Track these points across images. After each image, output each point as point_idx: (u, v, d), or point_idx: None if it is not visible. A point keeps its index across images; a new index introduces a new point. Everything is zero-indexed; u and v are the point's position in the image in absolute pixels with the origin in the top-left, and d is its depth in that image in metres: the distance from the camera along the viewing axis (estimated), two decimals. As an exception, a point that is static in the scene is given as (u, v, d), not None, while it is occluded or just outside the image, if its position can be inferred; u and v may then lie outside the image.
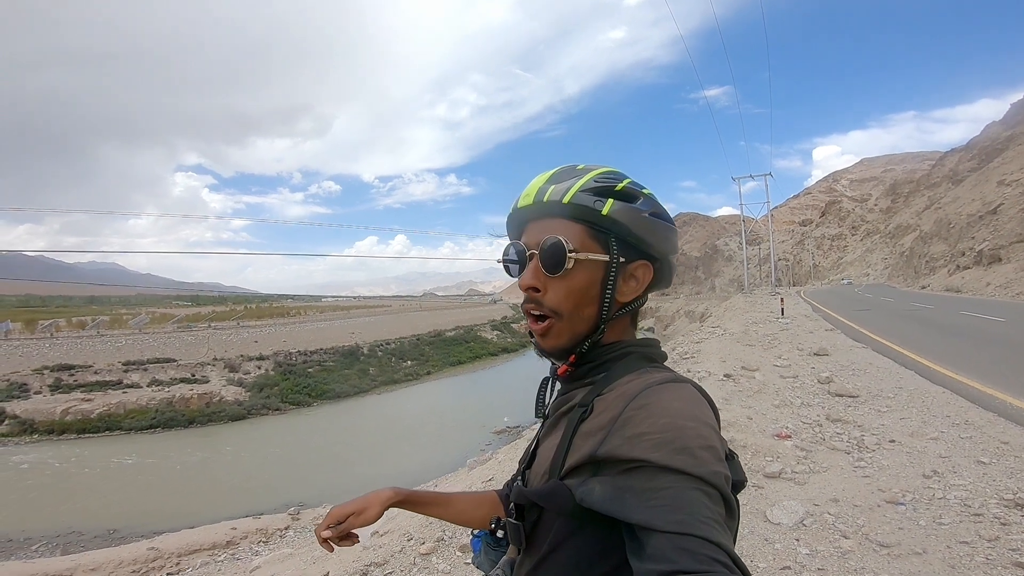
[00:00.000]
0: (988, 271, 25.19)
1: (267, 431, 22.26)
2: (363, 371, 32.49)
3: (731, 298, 37.43)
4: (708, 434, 0.63)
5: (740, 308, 22.88)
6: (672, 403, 0.65)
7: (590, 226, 0.76)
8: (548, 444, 0.79)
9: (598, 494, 0.63)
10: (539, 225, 0.78)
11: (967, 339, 10.03)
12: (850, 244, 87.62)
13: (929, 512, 3.23)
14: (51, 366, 25.46)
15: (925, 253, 48.26)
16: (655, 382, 0.68)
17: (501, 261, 0.84)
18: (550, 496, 0.70)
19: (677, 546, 0.52)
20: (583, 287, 0.76)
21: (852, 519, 3.23)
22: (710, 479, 0.58)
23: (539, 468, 0.78)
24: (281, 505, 12.30)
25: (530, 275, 0.77)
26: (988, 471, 3.76)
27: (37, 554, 10.46)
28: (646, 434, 0.61)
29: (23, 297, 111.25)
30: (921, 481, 3.68)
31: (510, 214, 0.83)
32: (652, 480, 0.58)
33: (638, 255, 0.78)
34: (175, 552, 8.09)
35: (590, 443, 0.67)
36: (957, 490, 3.47)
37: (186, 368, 27.25)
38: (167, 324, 39.42)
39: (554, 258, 0.74)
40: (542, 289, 0.76)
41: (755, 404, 5.94)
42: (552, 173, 0.80)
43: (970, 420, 4.97)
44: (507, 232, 0.87)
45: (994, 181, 44.96)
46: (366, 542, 4.96)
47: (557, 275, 0.75)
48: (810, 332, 12.17)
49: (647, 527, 0.55)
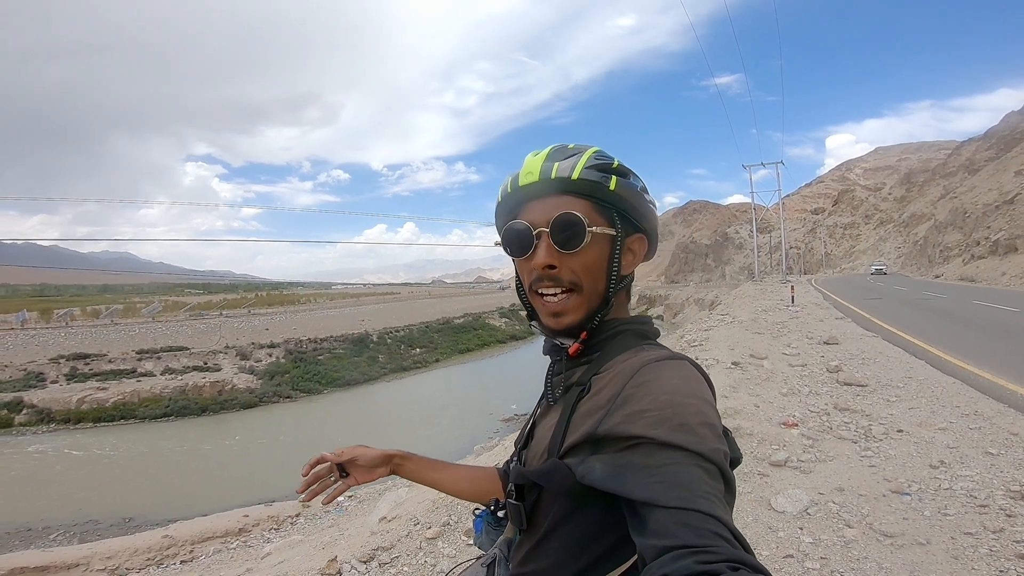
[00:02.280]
0: (1004, 260, 24.78)
1: (278, 418, 22.50)
2: (372, 358, 32.73)
3: (741, 286, 37.13)
4: (707, 411, 0.63)
5: (750, 296, 22.70)
6: (671, 380, 0.65)
7: (596, 202, 0.77)
8: (546, 423, 0.80)
9: (599, 472, 0.63)
10: (544, 203, 0.78)
11: (980, 329, 9.89)
12: (863, 233, 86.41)
13: (935, 503, 3.22)
14: (67, 355, 25.88)
15: (939, 242, 47.47)
16: (652, 359, 0.69)
17: (500, 243, 0.83)
18: (550, 475, 0.71)
19: (679, 521, 0.52)
20: (596, 261, 0.77)
21: (857, 508, 3.23)
22: (710, 455, 0.58)
23: (537, 447, 0.79)
24: (292, 492, 12.33)
25: (545, 253, 0.76)
26: (996, 462, 3.73)
27: (56, 543, 10.67)
28: (646, 411, 0.62)
29: (38, 286, 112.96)
30: (928, 471, 3.66)
31: (508, 193, 0.82)
32: (652, 456, 0.59)
33: (634, 229, 0.81)
34: (188, 540, 8.22)
35: (589, 421, 0.68)
36: (964, 481, 3.45)
37: (199, 356, 27.63)
38: (179, 312, 39.91)
39: (572, 233, 0.75)
40: (558, 266, 0.76)
41: (763, 392, 5.91)
42: (547, 152, 0.80)
43: (980, 411, 4.92)
44: (498, 214, 0.86)
45: (1012, 171, 44.11)
46: (373, 527, 5.04)
47: (574, 251, 0.75)
48: (820, 320, 12.06)
49: (649, 503, 0.56)
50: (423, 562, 3.35)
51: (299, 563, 4.57)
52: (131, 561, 7.76)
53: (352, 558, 3.57)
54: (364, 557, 3.56)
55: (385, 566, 3.40)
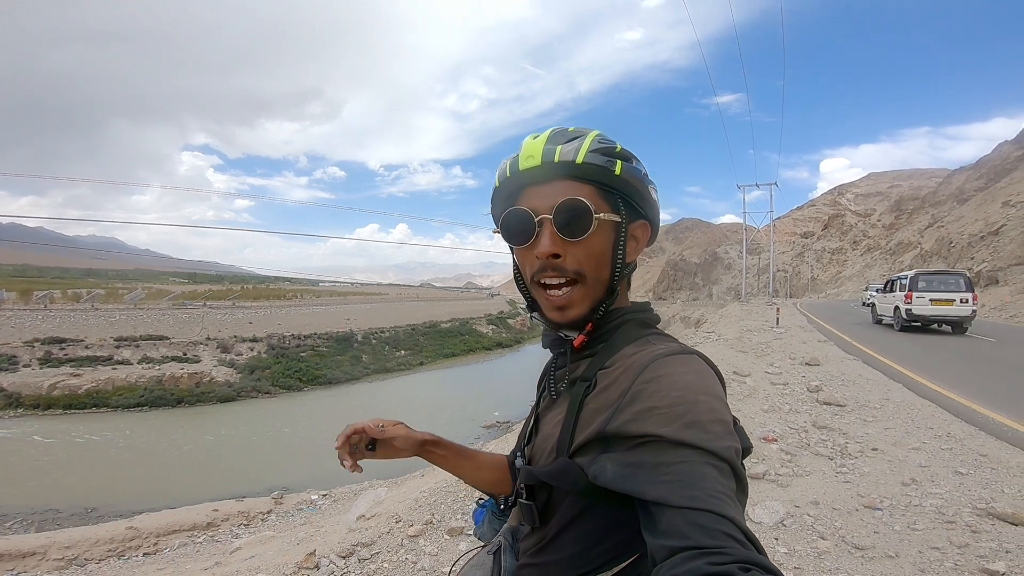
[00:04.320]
0: (985, 292, 25.20)
1: (256, 414, 22.19)
2: (356, 358, 32.50)
3: (728, 306, 37.51)
4: (719, 407, 0.62)
5: (736, 316, 22.94)
6: (682, 376, 0.63)
7: (601, 187, 0.73)
8: (550, 419, 0.78)
9: (610, 471, 0.62)
10: (548, 188, 0.74)
11: (956, 356, 10.11)
12: (850, 259, 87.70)
13: (905, 518, 3.29)
14: (42, 339, 25.32)
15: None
16: (662, 354, 0.67)
17: (497, 231, 0.78)
18: (561, 475, 0.69)
19: (690, 521, 0.51)
20: (601, 249, 0.74)
21: (830, 521, 3.29)
22: (722, 453, 0.57)
23: (544, 444, 0.76)
24: (265, 489, 12.26)
25: (549, 241, 0.72)
26: (965, 481, 3.82)
27: (11, 531, 10.38)
28: (656, 408, 0.60)
29: (20, 267, 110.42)
30: (900, 488, 3.74)
31: (507, 178, 0.77)
32: (664, 455, 0.57)
33: (637, 215, 0.78)
34: (153, 532, 7.99)
35: (599, 419, 0.66)
36: (933, 498, 3.53)
37: (178, 347, 27.20)
38: (162, 300, 39.25)
39: (579, 221, 0.71)
40: (562, 255, 0.72)
41: (744, 408, 5.99)
42: (547, 134, 0.76)
43: (952, 432, 5.03)
44: (495, 200, 0.81)
45: (999, 201, 44.36)
46: (352, 524, 4.99)
47: (578, 239, 0.72)
48: (803, 342, 12.22)
49: (660, 502, 0.54)
50: (404, 559, 3.33)
51: (271, 558, 4.50)
52: (91, 552, 7.51)
53: (331, 552, 3.53)
54: (343, 552, 3.53)
55: (365, 562, 3.37)
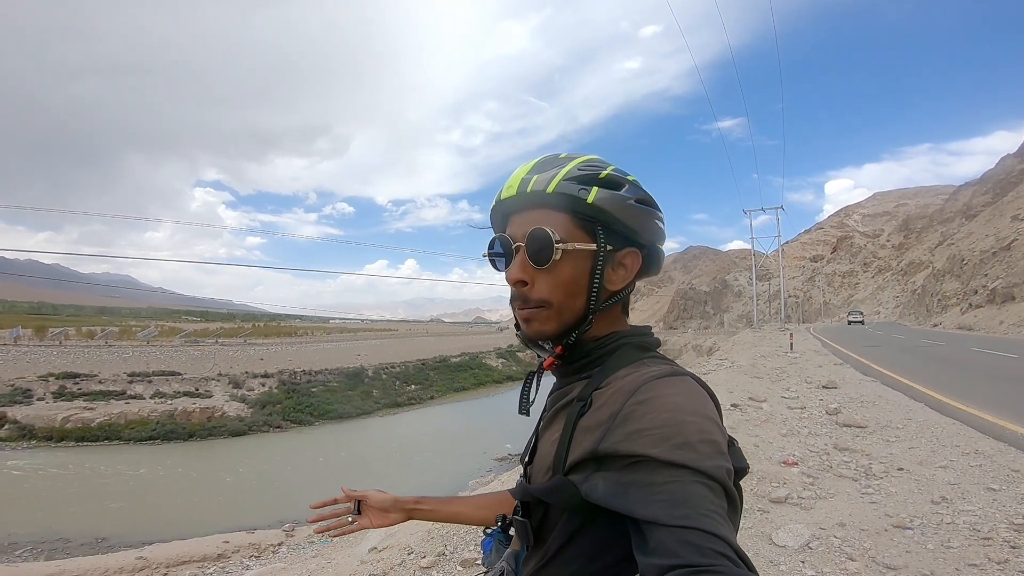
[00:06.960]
0: (1001, 309, 24.77)
1: (267, 448, 22.09)
2: (366, 393, 32.36)
3: (739, 333, 37.11)
4: (709, 428, 0.62)
5: (748, 342, 22.68)
6: (672, 397, 0.64)
7: (576, 215, 0.74)
8: (548, 438, 0.78)
9: (602, 489, 0.62)
10: (523, 216, 0.76)
11: (979, 374, 9.88)
12: (861, 281, 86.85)
13: (937, 536, 3.17)
14: (57, 373, 25.63)
15: (937, 291, 47.34)
16: (654, 376, 0.67)
17: (486, 255, 0.82)
18: (555, 492, 0.70)
19: (681, 540, 0.51)
20: (571, 278, 0.74)
21: (859, 543, 3.18)
22: (712, 473, 0.57)
23: (541, 463, 0.77)
24: (276, 521, 12.10)
25: (517, 268, 0.75)
26: (998, 497, 3.69)
27: (21, 559, 10.31)
28: (646, 430, 0.60)
29: (36, 304, 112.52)
30: (929, 507, 3.61)
31: (493, 206, 0.81)
32: (654, 475, 0.57)
33: (626, 243, 0.77)
34: (164, 562, 7.94)
35: (591, 439, 0.66)
36: (966, 515, 3.41)
37: (191, 382, 27.30)
38: (175, 338, 39.71)
39: (541, 250, 0.72)
40: (530, 282, 0.74)
41: (762, 433, 5.88)
42: (535, 163, 0.78)
43: (980, 449, 4.89)
44: (491, 226, 0.84)
45: (1008, 216, 43.89)
46: (364, 556, 4.89)
47: (545, 267, 0.73)
48: (819, 366, 12.02)
49: (651, 521, 0.55)
50: (416, 590, 3.25)
51: (283, 589, 4.41)
52: (100, 580, 7.45)
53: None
54: (354, 582, 3.46)
55: (376, 593, 3.30)
